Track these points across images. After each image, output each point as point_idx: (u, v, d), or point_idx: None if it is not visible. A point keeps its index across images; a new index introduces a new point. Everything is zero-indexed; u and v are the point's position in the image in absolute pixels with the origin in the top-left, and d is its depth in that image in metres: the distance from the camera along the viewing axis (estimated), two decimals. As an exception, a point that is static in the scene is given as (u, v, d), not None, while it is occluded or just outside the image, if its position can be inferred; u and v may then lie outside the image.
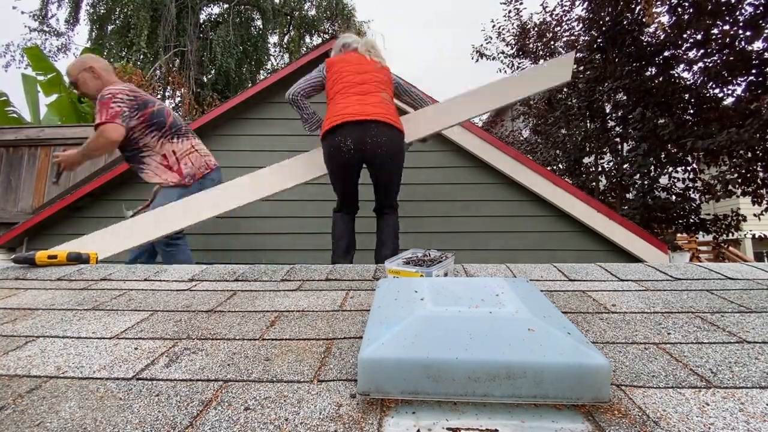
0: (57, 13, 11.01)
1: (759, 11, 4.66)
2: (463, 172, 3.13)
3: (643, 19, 5.48)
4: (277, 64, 12.47)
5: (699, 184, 6.13)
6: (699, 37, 5.37)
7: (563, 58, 2.22)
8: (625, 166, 6.04)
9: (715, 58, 5.33)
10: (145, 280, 1.23)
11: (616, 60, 6.12)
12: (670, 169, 6.03)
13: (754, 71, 4.99)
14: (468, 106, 2.22)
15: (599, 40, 6.30)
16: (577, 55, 7.30)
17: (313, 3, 12.51)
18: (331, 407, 0.55)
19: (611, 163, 6.66)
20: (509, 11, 8.09)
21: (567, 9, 7.38)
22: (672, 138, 5.45)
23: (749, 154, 5.12)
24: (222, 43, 10.45)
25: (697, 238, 7.77)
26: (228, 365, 0.68)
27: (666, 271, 1.21)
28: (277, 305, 0.98)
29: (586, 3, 6.48)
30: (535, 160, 6.92)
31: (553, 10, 7.61)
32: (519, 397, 0.54)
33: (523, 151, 7.83)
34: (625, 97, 6.26)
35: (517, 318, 0.63)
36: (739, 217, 5.81)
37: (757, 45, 4.91)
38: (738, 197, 5.50)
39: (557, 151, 7.17)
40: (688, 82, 5.81)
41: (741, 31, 4.93)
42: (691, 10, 5.14)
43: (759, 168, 5.26)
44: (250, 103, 3.18)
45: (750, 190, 5.37)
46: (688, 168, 6.00)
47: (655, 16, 5.12)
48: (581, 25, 7.01)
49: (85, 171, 4.07)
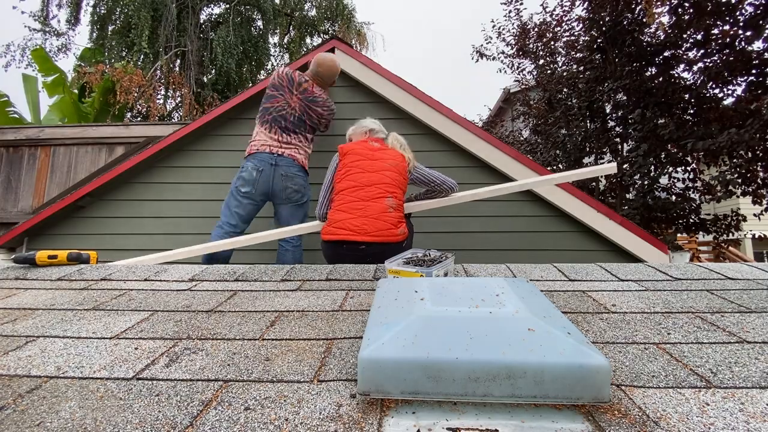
0: (58, 13, 11.01)
1: (759, 11, 4.66)
2: (463, 172, 3.12)
3: (644, 20, 5.48)
4: (278, 64, 12.47)
5: (699, 184, 6.13)
6: (699, 37, 5.36)
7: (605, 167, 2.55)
8: (625, 166, 6.04)
9: (715, 58, 5.33)
10: (145, 280, 1.23)
11: (616, 60, 6.12)
12: (670, 169, 6.03)
13: (754, 71, 4.98)
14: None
15: (599, 41, 6.30)
16: (577, 55, 7.30)
17: (314, 3, 12.51)
18: (331, 407, 0.55)
19: (613, 162, 6.66)
20: (509, 11, 8.09)
21: (567, 9, 7.38)
22: (672, 138, 5.45)
23: (749, 155, 5.12)
24: (222, 44, 10.45)
25: (697, 238, 7.76)
26: (228, 365, 0.68)
27: (666, 271, 1.21)
28: (277, 305, 0.98)
29: (586, 3, 6.48)
30: (536, 160, 6.92)
31: (553, 10, 7.61)
32: (519, 397, 0.54)
33: (523, 151, 7.83)
34: (625, 98, 6.26)
35: (517, 318, 0.63)
36: (739, 217, 5.81)
37: (758, 45, 4.91)
38: (738, 197, 5.50)
39: (557, 151, 7.17)
40: (688, 82, 5.80)
41: (741, 31, 4.92)
42: (691, 11, 5.14)
43: (759, 168, 5.25)
44: (251, 103, 3.18)
45: (750, 190, 5.37)
46: (688, 168, 6.00)
47: (656, 16, 5.12)
48: (581, 25, 7.02)
49: (85, 171, 4.07)
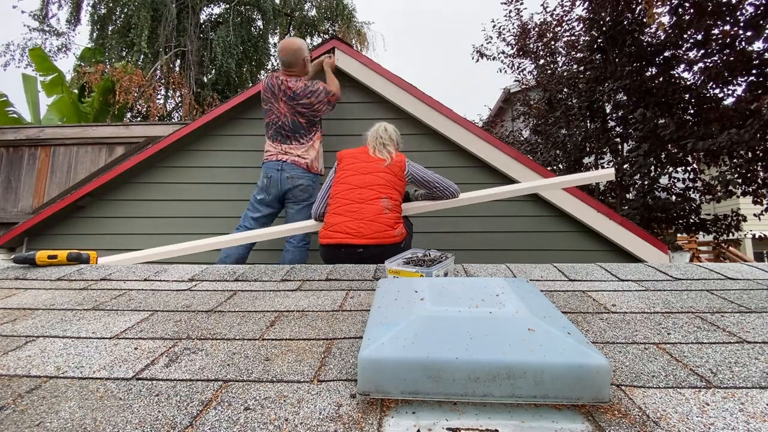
0: (57, 13, 11.02)
1: (759, 11, 4.66)
2: (463, 172, 3.12)
3: (644, 20, 5.48)
4: (278, 64, 12.44)
5: (699, 184, 6.13)
6: (699, 37, 5.36)
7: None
8: (625, 166, 6.04)
9: (715, 58, 5.33)
10: (145, 280, 1.23)
11: (617, 60, 6.12)
12: (671, 169, 6.03)
13: (754, 71, 4.98)
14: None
15: (599, 41, 6.30)
16: (578, 55, 7.30)
17: (314, 3, 12.51)
18: (331, 407, 0.55)
19: (611, 164, 6.66)
20: (509, 11, 8.10)
21: (567, 9, 7.39)
22: (672, 138, 5.45)
23: (749, 155, 5.12)
24: (222, 43, 10.44)
25: (697, 238, 7.76)
26: (228, 365, 0.68)
27: (666, 271, 1.21)
28: (277, 305, 0.98)
29: (587, 3, 6.48)
30: (536, 160, 6.91)
31: (554, 10, 7.61)
32: (519, 397, 0.54)
33: (524, 151, 7.83)
34: (625, 98, 6.26)
35: (517, 318, 0.63)
36: (739, 217, 5.81)
37: (758, 45, 4.91)
38: (738, 197, 5.50)
39: (557, 151, 7.17)
40: (688, 83, 5.80)
41: (741, 32, 4.92)
42: (691, 11, 5.14)
43: (759, 168, 5.25)
44: (250, 103, 3.18)
45: (750, 190, 5.37)
46: (689, 168, 6.00)
47: (656, 16, 5.11)
48: (581, 25, 7.02)
49: (85, 171, 4.07)
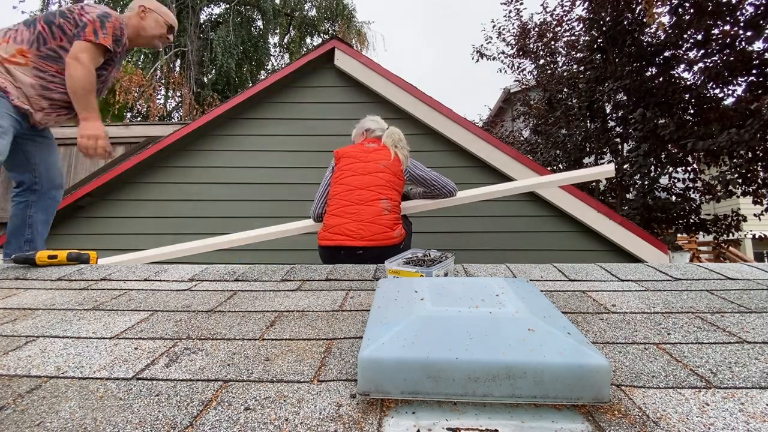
0: (57, 13, 11.00)
1: (760, 11, 4.66)
2: (464, 172, 3.12)
3: (644, 20, 5.48)
4: (278, 64, 12.47)
5: (699, 184, 6.13)
6: (699, 37, 5.36)
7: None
8: (625, 167, 6.04)
9: (715, 58, 5.33)
10: (145, 280, 1.23)
11: (617, 60, 6.12)
12: (671, 169, 6.04)
13: (754, 71, 4.98)
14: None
15: (599, 40, 6.30)
16: (578, 55, 7.31)
17: (314, 3, 12.51)
18: (331, 407, 0.55)
19: (611, 164, 6.66)
20: (509, 11, 8.10)
21: (567, 9, 7.39)
22: (672, 138, 5.45)
23: (750, 155, 5.12)
24: (222, 44, 10.45)
25: (697, 239, 7.76)
26: (228, 365, 0.68)
27: (666, 271, 1.21)
28: (277, 305, 0.98)
29: (587, 3, 6.48)
30: (536, 160, 6.91)
31: (554, 10, 7.62)
32: (519, 397, 0.54)
33: (524, 151, 7.83)
34: (625, 98, 6.26)
35: (517, 318, 0.63)
36: (740, 218, 5.81)
37: (758, 45, 4.91)
38: (738, 197, 5.50)
39: (557, 151, 7.17)
40: (688, 83, 5.81)
41: (741, 32, 4.92)
42: (691, 11, 5.14)
43: (759, 168, 5.25)
44: (250, 103, 3.18)
45: (750, 190, 5.37)
46: (689, 168, 6.00)
47: (656, 16, 5.12)
48: (581, 25, 7.02)
49: (86, 171, 4.07)
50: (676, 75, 5.93)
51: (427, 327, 0.61)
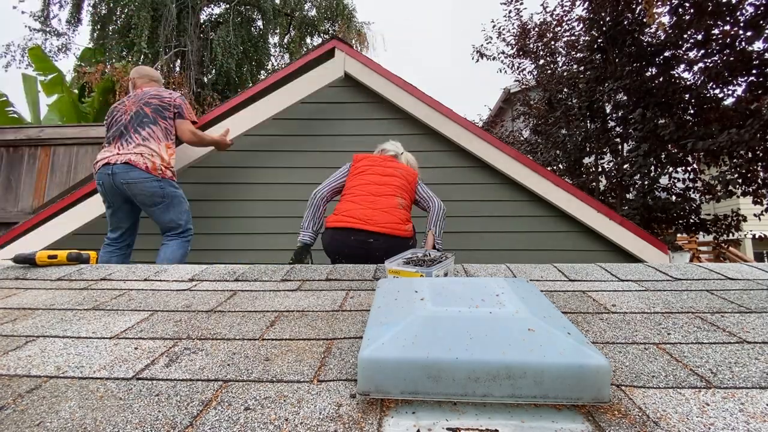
0: (58, 13, 11.03)
1: (760, 11, 4.66)
2: (463, 172, 3.12)
3: (644, 20, 5.48)
4: (278, 64, 12.46)
5: (699, 184, 6.13)
6: (699, 37, 5.36)
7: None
8: (625, 167, 6.04)
9: (715, 58, 5.33)
10: (145, 280, 1.23)
11: (617, 60, 6.12)
12: (671, 169, 6.03)
13: (754, 71, 4.98)
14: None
15: (599, 40, 6.30)
16: (578, 55, 7.31)
17: (314, 3, 12.51)
18: (331, 407, 0.55)
19: (611, 164, 6.66)
20: (509, 11, 8.10)
21: (567, 9, 7.39)
22: (672, 138, 5.45)
23: (750, 155, 5.11)
24: (222, 44, 10.45)
25: (697, 239, 7.76)
26: (228, 365, 0.68)
27: (666, 271, 1.21)
28: (277, 305, 0.98)
29: (587, 3, 6.48)
30: (536, 160, 6.91)
31: (554, 10, 7.61)
32: (519, 397, 0.54)
33: (524, 151, 7.83)
34: (625, 98, 6.25)
35: (517, 318, 0.63)
36: (739, 218, 5.81)
37: (758, 45, 4.91)
38: (738, 197, 5.50)
39: (557, 152, 7.17)
40: (688, 83, 5.80)
41: (741, 32, 4.92)
42: (691, 11, 5.14)
43: (759, 168, 5.25)
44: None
45: (750, 190, 5.37)
46: (689, 168, 6.00)
47: (656, 16, 5.12)
48: (581, 25, 7.02)
49: (86, 171, 4.07)
50: (676, 75, 5.93)
51: (427, 327, 0.61)
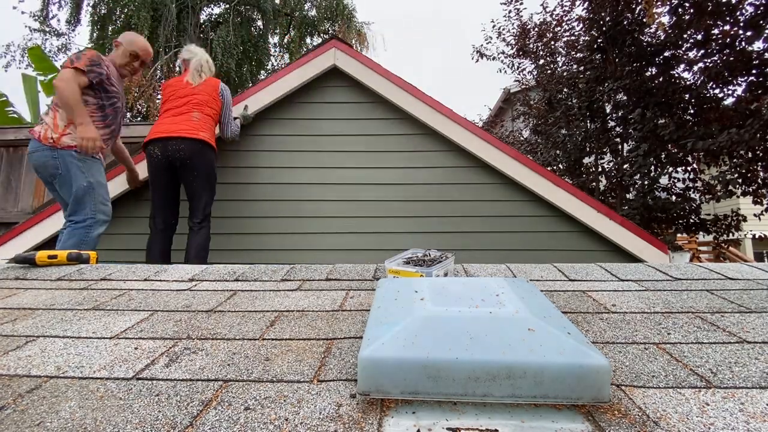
0: (58, 13, 11.02)
1: (759, 11, 4.66)
2: (463, 172, 3.12)
3: (644, 20, 5.48)
4: (278, 64, 12.46)
5: (699, 184, 6.13)
6: (699, 37, 5.36)
7: None
8: (625, 167, 6.04)
9: (715, 58, 5.33)
10: (145, 280, 1.23)
11: (617, 60, 6.12)
12: (671, 169, 6.03)
13: (754, 71, 4.98)
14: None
15: (599, 40, 6.30)
16: (578, 55, 7.30)
17: (314, 3, 12.50)
18: (331, 407, 0.55)
19: (611, 164, 6.66)
20: (509, 11, 8.10)
21: (567, 9, 7.39)
22: (672, 138, 5.45)
23: (749, 155, 5.12)
24: (222, 44, 10.44)
25: (697, 239, 7.76)
26: (228, 365, 0.68)
27: (666, 271, 1.21)
28: (277, 305, 0.98)
29: (587, 3, 6.48)
30: (536, 160, 6.91)
31: (553, 10, 7.62)
32: (519, 397, 0.54)
33: (524, 151, 7.83)
34: (625, 98, 6.25)
35: (517, 318, 0.63)
36: (739, 218, 5.81)
37: (758, 45, 4.91)
38: (738, 197, 5.50)
39: (557, 152, 7.17)
40: (688, 83, 5.80)
41: (741, 32, 4.92)
42: (691, 11, 5.14)
43: (759, 168, 5.25)
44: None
45: (750, 190, 5.37)
46: (689, 168, 6.00)
47: (656, 16, 5.11)
48: (581, 25, 7.02)
49: (86, 171, 4.07)
50: (676, 75, 5.93)
51: (427, 327, 0.61)
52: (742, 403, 0.55)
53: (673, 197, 6.15)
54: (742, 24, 4.87)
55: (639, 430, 0.50)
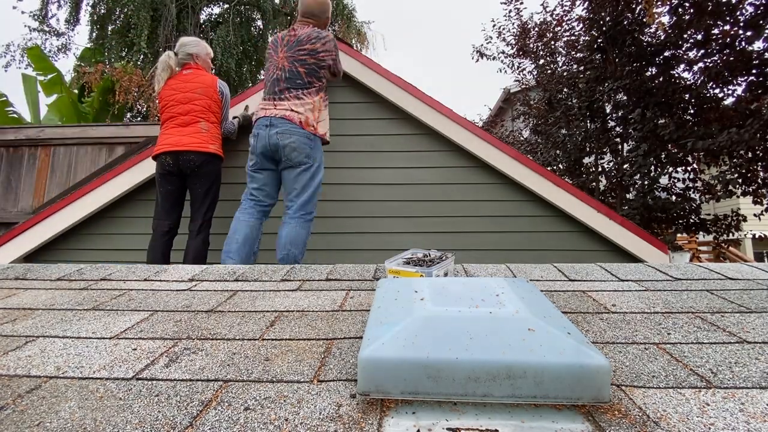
0: (57, 13, 11.03)
1: (759, 11, 4.66)
2: (463, 172, 3.12)
3: (644, 20, 5.48)
4: (278, 64, 12.44)
5: (699, 184, 6.13)
6: (699, 37, 5.36)
7: None
8: (625, 166, 6.04)
9: (715, 58, 5.33)
10: (145, 280, 1.23)
11: (617, 60, 6.12)
12: (671, 169, 6.03)
13: (754, 71, 4.98)
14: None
15: (599, 40, 6.30)
16: (578, 55, 7.30)
17: (314, 3, 12.48)
18: (331, 407, 0.55)
19: (611, 164, 6.66)
20: (509, 11, 8.10)
21: (567, 9, 7.38)
22: (672, 138, 5.45)
23: (749, 154, 5.12)
24: (222, 43, 10.44)
25: (697, 238, 7.76)
26: (228, 365, 0.68)
27: (666, 271, 1.21)
28: (277, 305, 0.98)
29: (587, 3, 6.48)
30: (536, 160, 6.91)
31: (554, 10, 7.61)
32: (519, 397, 0.54)
33: (524, 151, 7.83)
34: (625, 97, 6.25)
35: (517, 318, 0.63)
36: (739, 217, 5.80)
37: (758, 45, 4.91)
38: (738, 197, 5.50)
39: (557, 151, 7.17)
40: (688, 82, 5.80)
41: (741, 31, 4.92)
42: (691, 11, 5.14)
43: (759, 168, 5.25)
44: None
45: (750, 190, 5.37)
46: (689, 168, 6.00)
47: (656, 16, 5.11)
48: (581, 25, 7.01)
49: (85, 171, 4.07)
50: (676, 75, 5.92)
51: (427, 327, 0.61)
52: (743, 404, 0.55)
53: (673, 197, 6.15)
54: (742, 24, 4.87)
55: (639, 430, 0.50)
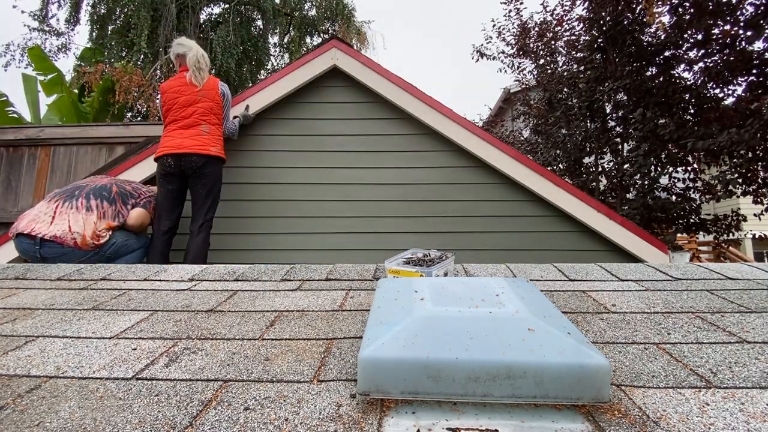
0: (57, 13, 11.01)
1: (760, 11, 4.65)
2: (463, 172, 3.12)
3: (644, 19, 5.48)
4: (278, 64, 12.46)
5: (699, 184, 6.13)
6: (699, 37, 5.36)
7: None
8: (625, 166, 6.04)
9: (715, 58, 5.33)
10: (145, 279, 1.23)
11: (617, 60, 6.12)
12: (671, 169, 6.03)
13: (754, 71, 4.98)
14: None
15: (600, 40, 6.30)
16: (578, 54, 7.30)
17: (314, 3, 12.49)
18: (331, 407, 0.55)
19: (611, 163, 6.66)
20: (509, 11, 8.09)
21: (567, 9, 7.38)
22: (672, 138, 5.45)
23: (750, 154, 5.11)
24: (222, 43, 10.44)
25: (697, 238, 7.76)
26: (228, 365, 0.68)
27: (666, 271, 1.21)
28: (277, 305, 0.98)
29: (587, 3, 6.47)
30: (536, 160, 6.91)
31: (554, 9, 7.61)
32: (519, 397, 0.54)
33: (524, 151, 7.83)
34: (625, 97, 6.25)
35: (517, 318, 0.63)
36: (740, 217, 5.80)
37: (758, 45, 4.91)
38: (738, 197, 5.50)
39: (557, 151, 7.16)
40: (688, 82, 5.80)
41: (742, 31, 4.92)
42: (691, 10, 5.14)
43: (759, 168, 5.25)
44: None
45: (750, 190, 5.37)
46: (689, 168, 6.00)
47: (656, 16, 5.11)
48: (582, 24, 7.01)
49: (85, 171, 4.07)
50: (676, 75, 5.92)
51: (427, 327, 0.61)
52: (742, 403, 0.55)
53: (673, 197, 6.15)
54: (742, 24, 4.87)
55: (639, 430, 0.50)
